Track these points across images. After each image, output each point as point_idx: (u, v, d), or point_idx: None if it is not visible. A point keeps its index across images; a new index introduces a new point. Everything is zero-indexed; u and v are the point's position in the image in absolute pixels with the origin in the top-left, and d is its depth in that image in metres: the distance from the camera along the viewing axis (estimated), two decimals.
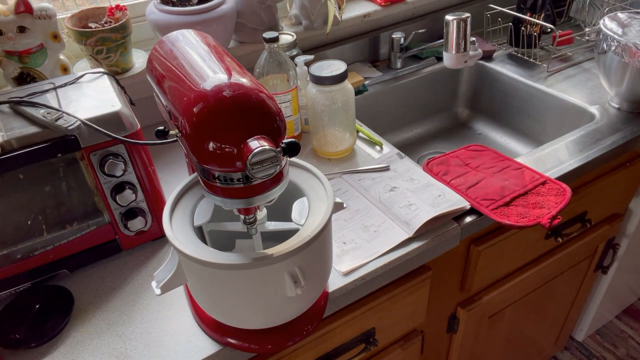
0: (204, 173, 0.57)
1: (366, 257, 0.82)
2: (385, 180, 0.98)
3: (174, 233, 0.63)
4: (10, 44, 0.93)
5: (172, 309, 0.77)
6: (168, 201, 0.68)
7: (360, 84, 1.30)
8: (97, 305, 0.79)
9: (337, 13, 1.23)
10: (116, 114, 0.75)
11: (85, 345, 0.73)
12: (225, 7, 1.07)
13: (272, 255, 0.59)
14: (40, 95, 0.78)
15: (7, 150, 0.70)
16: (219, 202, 0.60)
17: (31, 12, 0.93)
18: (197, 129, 0.53)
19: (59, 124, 0.72)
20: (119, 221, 0.82)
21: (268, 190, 0.58)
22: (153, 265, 0.85)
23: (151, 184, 0.83)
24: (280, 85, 1.00)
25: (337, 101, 0.99)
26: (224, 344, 0.71)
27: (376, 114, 1.34)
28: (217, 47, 0.66)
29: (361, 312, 0.86)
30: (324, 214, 0.64)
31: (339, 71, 0.97)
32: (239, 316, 0.68)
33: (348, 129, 1.05)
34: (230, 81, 0.55)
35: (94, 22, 1.03)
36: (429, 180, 0.97)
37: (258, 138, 0.52)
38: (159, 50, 0.68)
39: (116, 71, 1.06)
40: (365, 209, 0.92)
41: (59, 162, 0.75)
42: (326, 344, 0.87)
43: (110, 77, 0.85)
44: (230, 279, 0.62)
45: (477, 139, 1.42)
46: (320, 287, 0.72)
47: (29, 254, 0.78)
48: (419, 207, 0.89)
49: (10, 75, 0.97)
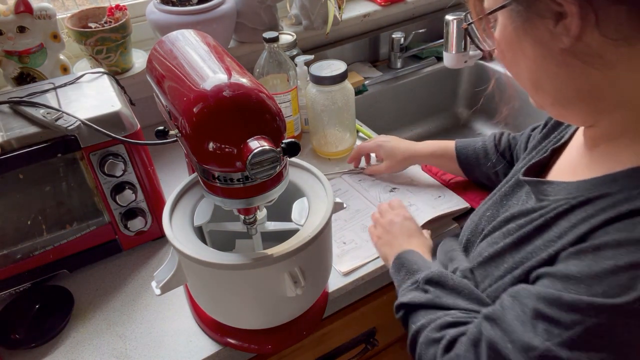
0: (204, 173, 0.57)
1: (366, 257, 0.82)
2: (385, 181, 0.98)
3: (174, 233, 0.63)
4: (10, 44, 0.93)
5: (172, 309, 0.77)
6: (168, 201, 0.68)
7: (360, 84, 1.30)
8: (97, 305, 0.79)
9: (337, 13, 1.23)
10: (116, 114, 0.75)
11: (85, 345, 0.73)
12: (225, 7, 1.07)
13: (272, 255, 0.59)
14: (40, 95, 0.78)
15: (7, 150, 0.70)
16: (219, 202, 0.60)
17: (31, 12, 0.93)
18: (197, 129, 0.53)
19: (58, 124, 0.72)
20: (119, 221, 0.82)
21: (268, 191, 0.58)
22: (153, 265, 0.85)
23: (151, 184, 0.83)
24: (280, 85, 1.00)
25: (337, 101, 0.99)
26: (224, 344, 0.71)
27: (376, 114, 1.34)
28: (217, 47, 0.65)
29: (361, 312, 0.86)
30: (323, 214, 0.64)
31: (339, 71, 0.96)
32: (239, 316, 0.68)
33: (348, 129, 1.05)
34: (230, 81, 0.55)
35: (94, 22, 1.03)
36: (429, 180, 0.97)
37: (258, 138, 0.52)
38: (158, 50, 0.68)
39: (116, 71, 1.06)
40: (365, 209, 0.92)
41: (58, 162, 0.75)
42: (326, 344, 0.87)
43: (110, 77, 0.85)
44: (230, 279, 0.62)
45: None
46: (320, 287, 0.72)
47: (29, 254, 0.78)
48: (419, 207, 0.89)
49: (10, 75, 0.97)
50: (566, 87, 0.49)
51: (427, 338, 0.55)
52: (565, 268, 0.45)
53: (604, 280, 0.41)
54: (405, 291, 0.62)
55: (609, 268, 0.41)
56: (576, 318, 0.42)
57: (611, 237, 0.43)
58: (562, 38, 0.45)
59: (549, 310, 0.44)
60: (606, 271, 0.42)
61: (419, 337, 0.56)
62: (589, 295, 0.42)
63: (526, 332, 0.45)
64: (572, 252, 0.45)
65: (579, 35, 0.44)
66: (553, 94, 0.51)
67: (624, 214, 0.43)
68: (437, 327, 0.55)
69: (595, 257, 0.43)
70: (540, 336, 0.44)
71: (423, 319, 0.57)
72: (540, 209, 0.52)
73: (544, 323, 0.44)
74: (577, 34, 0.44)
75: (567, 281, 0.44)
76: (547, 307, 0.44)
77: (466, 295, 0.56)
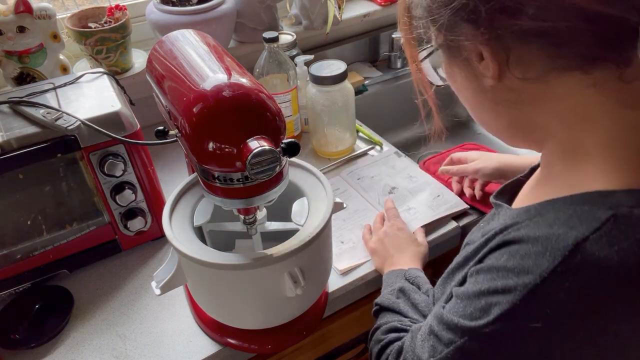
0: (204, 173, 0.57)
1: (364, 256, 0.82)
2: (384, 179, 0.98)
3: (174, 233, 0.63)
4: (10, 44, 0.93)
5: (172, 309, 0.77)
6: (168, 201, 0.68)
7: (360, 84, 1.30)
8: (97, 305, 0.79)
9: (337, 13, 1.23)
10: (116, 114, 0.75)
11: (85, 345, 0.73)
12: (225, 7, 1.07)
13: (272, 255, 0.59)
14: (40, 95, 0.78)
15: (7, 150, 0.70)
16: (219, 202, 0.60)
17: (31, 12, 0.93)
18: (196, 129, 0.53)
19: (58, 124, 0.72)
20: (119, 221, 0.82)
21: (268, 191, 0.58)
22: (153, 265, 0.85)
23: (151, 184, 0.83)
24: (280, 85, 1.00)
25: (337, 101, 0.99)
26: (223, 344, 0.71)
27: (376, 114, 1.34)
28: (217, 47, 0.65)
29: (361, 312, 0.86)
30: (323, 214, 0.64)
31: (339, 71, 0.96)
32: (239, 316, 0.68)
33: (348, 129, 1.05)
34: (230, 81, 0.55)
35: (93, 22, 1.03)
36: (427, 179, 0.97)
37: (258, 138, 0.52)
38: (158, 50, 0.68)
39: (116, 71, 1.06)
40: (364, 210, 0.92)
41: (58, 162, 0.75)
42: (326, 344, 0.87)
43: (110, 77, 0.85)
44: (230, 279, 0.62)
45: (477, 138, 1.41)
46: (320, 287, 0.72)
47: (29, 254, 0.78)
48: (418, 210, 0.89)
49: (10, 75, 0.97)
50: (502, 119, 0.50)
51: (376, 337, 0.63)
52: (460, 288, 0.48)
53: (472, 302, 0.45)
54: (385, 294, 0.70)
55: (476, 291, 0.44)
56: (451, 337, 0.46)
57: (486, 264, 0.45)
58: (486, 78, 0.47)
59: (437, 327, 0.48)
60: (475, 294, 0.45)
61: (374, 334, 0.64)
62: (460, 315, 0.45)
63: (422, 347, 0.50)
64: (469, 273, 0.48)
65: (499, 75, 0.45)
66: (493, 125, 0.53)
67: (501, 243, 0.44)
68: (385, 330, 0.62)
69: (474, 279, 0.46)
70: (428, 352, 0.48)
71: (382, 319, 0.65)
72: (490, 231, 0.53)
73: (433, 339, 0.48)
74: (496, 75, 0.45)
75: (456, 299, 0.47)
76: (436, 325, 0.49)
77: (421, 309, 0.63)
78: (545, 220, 0.43)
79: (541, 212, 0.44)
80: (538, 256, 0.40)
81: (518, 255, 0.42)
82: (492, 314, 0.42)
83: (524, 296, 0.40)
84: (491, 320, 0.42)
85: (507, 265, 0.42)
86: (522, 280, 0.41)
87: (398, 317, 0.64)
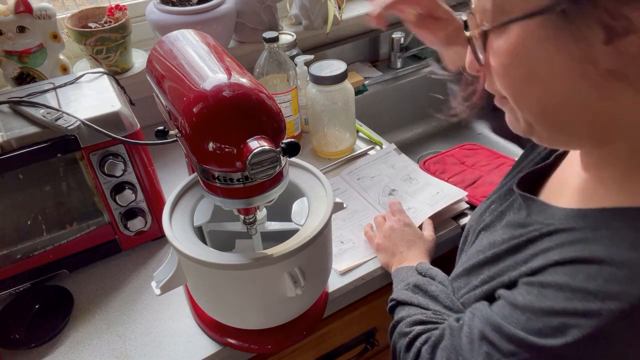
0: (204, 173, 0.57)
1: (363, 256, 0.82)
2: (384, 180, 0.98)
3: (174, 233, 0.63)
4: (10, 44, 0.93)
5: (172, 309, 0.77)
6: (168, 201, 0.68)
7: (360, 84, 1.30)
8: (97, 305, 0.79)
9: (337, 13, 1.23)
10: (116, 114, 0.75)
11: (85, 345, 0.73)
12: (225, 7, 1.07)
13: (272, 255, 0.59)
14: (40, 95, 0.78)
15: (7, 150, 0.70)
16: (219, 202, 0.60)
17: (31, 12, 0.93)
18: (196, 129, 0.53)
19: (58, 124, 0.72)
20: (119, 221, 0.82)
21: (268, 191, 0.58)
22: (153, 265, 0.85)
23: (151, 184, 0.83)
24: (280, 85, 1.00)
25: (337, 101, 0.99)
26: (224, 344, 0.71)
27: (376, 114, 1.34)
28: (217, 47, 0.65)
29: (361, 312, 0.86)
30: (323, 214, 0.64)
31: (339, 71, 0.96)
32: (239, 316, 0.68)
33: (348, 129, 1.05)
34: (230, 81, 0.55)
35: (93, 22, 1.03)
36: (427, 178, 0.97)
37: (258, 138, 0.52)
38: (158, 50, 0.68)
39: (116, 71, 1.06)
40: (363, 210, 0.92)
41: (58, 162, 0.75)
42: (326, 344, 0.87)
43: (110, 77, 0.85)
44: (230, 279, 0.62)
45: (476, 138, 1.41)
46: (320, 287, 0.72)
47: (29, 254, 0.78)
48: (418, 209, 0.89)
49: (10, 75, 0.97)
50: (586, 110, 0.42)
51: (400, 330, 0.62)
52: (516, 296, 0.47)
53: (541, 318, 0.43)
54: (399, 289, 0.69)
55: (547, 309, 0.43)
56: (512, 349, 0.45)
57: (555, 279, 0.44)
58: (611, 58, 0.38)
59: (492, 335, 0.47)
60: (544, 311, 0.43)
61: (397, 328, 0.63)
62: (525, 329, 0.44)
63: (471, 351, 0.49)
64: (525, 281, 0.47)
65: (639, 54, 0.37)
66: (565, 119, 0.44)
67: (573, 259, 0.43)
68: (409, 322, 0.61)
69: (539, 293, 0.44)
70: (482, 357, 0.47)
71: (401, 312, 0.64)
72: (526, 227, 0.52)
73: (487, 346, 0.47)
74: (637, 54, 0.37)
75: (514, 309, 0.46)
76: (491, 332, 0.47)
77: (441, 301, 0.62)
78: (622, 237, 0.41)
79: (607, 222, 0.43)
80: (627, 283, 0.39)
81: (601, 278, 0.40)
82: (569, 335, 0.40)
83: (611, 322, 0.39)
84: (570, 341, 0.40)
85: (588, 287, 0.41)
86: (607, 305, 0.39)
87: (420, 310, 0.62)
